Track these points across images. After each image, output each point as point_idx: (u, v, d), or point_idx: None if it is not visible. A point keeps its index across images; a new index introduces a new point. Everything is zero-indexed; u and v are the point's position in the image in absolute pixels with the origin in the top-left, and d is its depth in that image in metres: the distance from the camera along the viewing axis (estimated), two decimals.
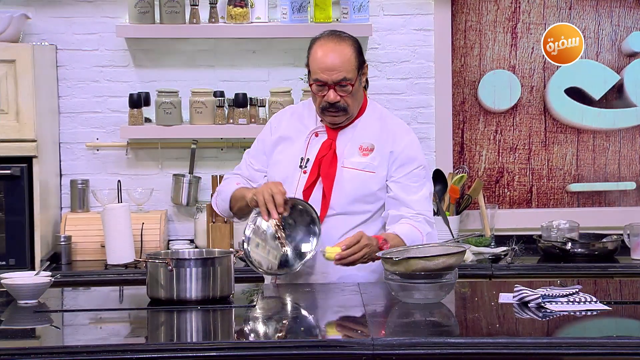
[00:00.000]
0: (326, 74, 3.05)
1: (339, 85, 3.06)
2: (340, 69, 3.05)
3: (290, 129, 3.22)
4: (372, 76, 4.48)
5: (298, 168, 3.16)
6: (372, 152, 3.15)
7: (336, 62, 3.05)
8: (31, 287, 2.87)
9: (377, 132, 3.18)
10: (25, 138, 3.99)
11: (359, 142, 3.16)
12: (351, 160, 3.14)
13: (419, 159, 3.19)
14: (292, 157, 3.17)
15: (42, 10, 4.36)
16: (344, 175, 3.13)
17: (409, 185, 3.15)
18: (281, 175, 3.17)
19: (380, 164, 3.15)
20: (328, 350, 2.44)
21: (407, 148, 3.17)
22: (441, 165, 4.48)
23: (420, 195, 3.16)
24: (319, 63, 3.06)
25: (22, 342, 2.58)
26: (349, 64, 3.06)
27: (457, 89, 4.54)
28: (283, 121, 3.26)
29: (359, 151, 3.15)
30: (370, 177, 3.14)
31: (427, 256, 2.81)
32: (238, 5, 4.31)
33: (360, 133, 3.17)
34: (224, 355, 2.44)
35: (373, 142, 3.16)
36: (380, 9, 4.47)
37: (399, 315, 2.77)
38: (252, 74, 4.47)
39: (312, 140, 3.16)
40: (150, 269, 2.86)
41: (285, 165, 3.18)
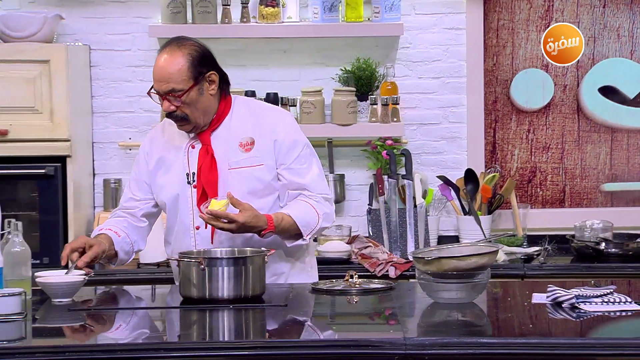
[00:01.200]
0: (158, 85, 3.06)
1: (171, 95, 3.04)
2: (169, 80, 3.02)
3: (164, 150, 3.18)
4: (403, 75, 4.47)
5: (187, 184, 3.13)
6: (254, 145, 3.13)
7: (164, 73, 3.03)
8: (65, 286, 2.89)
9: (253, 125, 3.15)
10: (59, 138, 4.03)
11: (237, 139, 3.13)
12: (235, 160, 3.12)
13: (301, 139, 3.17)
14: (177, 176, 3.14)
15: (75, 10, 4.40)
16: (234, 176, 3.10)
17: (300, 169, 3.14)
18: (171, 196, 3.14)
19: (265, 155, 3.13)
20: (360, 350, 2.43)
21: (288, 133, 3.15)
22: (473, 164, 4.46)
23: (312, 175, 3.15)
24: (154, 74, 3.07)
25: (56, 340, 2.60)
26: (179, 74, 3.02)
27: (489, 88, 4.51)
28: (154, 145, 3.22)
29: (239, 148, 3.13)
30: (260, 170, 3.12)
31: (459, 256, 2.80)
32: (269, 5, 4.32)
33: (235, 131, 3.14)
34: (256, 355, 2.44)
35: (251, 135, 3.13)
36: (411, 8, 4.46)
37: (430, 315, 2.76)
38: (283, 73, 4.48)
39: (190, 153, 3.14)
40: (182, 268, 2.87)
41: (173, 186, 3.14)
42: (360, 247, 4.10)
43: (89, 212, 4.37)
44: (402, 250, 4.22)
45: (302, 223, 3.06)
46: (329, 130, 4.38)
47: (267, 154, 3.12)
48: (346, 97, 4.35)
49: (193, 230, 3.12)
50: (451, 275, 2.78)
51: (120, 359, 2.42)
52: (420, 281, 2.85)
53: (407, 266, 3.98)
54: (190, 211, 3.11)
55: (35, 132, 4.01)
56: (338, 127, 4.37)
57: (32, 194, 4.04)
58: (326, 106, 4.40)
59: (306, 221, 3.07)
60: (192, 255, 2.92)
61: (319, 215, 3.10)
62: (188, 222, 3.12)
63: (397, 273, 3.95)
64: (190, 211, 3.11)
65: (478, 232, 4.29)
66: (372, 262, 4.01)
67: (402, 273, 3.96)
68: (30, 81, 4.00)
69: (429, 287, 2.83)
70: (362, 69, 4.40)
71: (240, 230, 2.98)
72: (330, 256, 4.11)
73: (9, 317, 2.62)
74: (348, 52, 4.46)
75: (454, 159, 4.53)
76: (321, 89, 4.38)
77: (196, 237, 3.11)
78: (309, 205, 3.10)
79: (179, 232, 3.15)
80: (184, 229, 3.13)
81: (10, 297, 2.63)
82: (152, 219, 3.25)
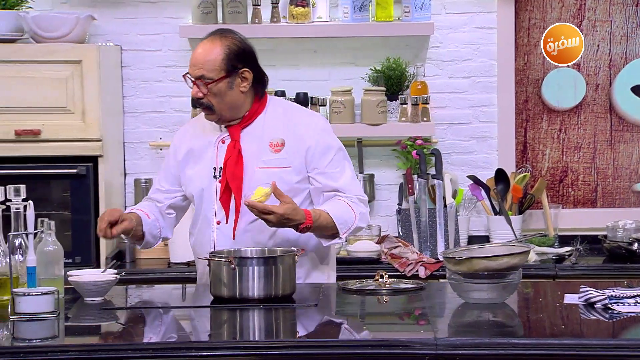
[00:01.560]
0: (190, 69, 3.10)
1: (200, 81, 3.06)
2: (201, 66, 3.06)
3: (195, 142, 3.20)
4: (433, 75, 4.46)
5: (213, 179, 3.15)
6: (284, 147, 3.13)
7: (199, 58, 3.07)
8: (97, 285, 2.91)
9: (285, 126, 3.15)
10: (90, 138, 4.05)
11: (268, 139, 3.14)
12: (264, 159, 3.12)
13: (334, 143, 3.18)
14: (205, 169, 3.15)
15: (107, 11, 4.43)
16: (260, 176, 3.10)
17: (334, 172, 3.14)
18: (197, 189, 3.16)
19: (294, 157, 3.13)
20: (391, 350, 2.43)
21: (321, 138, 3.15)
22: (503, 164, 4.44)
23: (345, 178, 3.15)
24: (191, 57, 3.11)
25: (88, 339, 2.62)
26: (212, 63, 3.05)
27: (520, 87, 4.49)
28: (185, 138, 3.23)
29: (270, 148, 3.13)
30: (286, 172, 3.12)
31: (491, 256, 2.78)
32: (300, 5, 4.32)
33: (267, 130, 3.15)
34: (287, 354, 2.44)
35: (282, 137, 3.14)
36: (442, 7, 4.44)
37: (461, 315, 2.75)
38: (312, 73, 4.48)
39: (219, 148, 3.15)
40: (213, 268, 2.88)
41: (200, 179, 3.16)
42: (390, 246, 4.09)
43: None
44: (432, 250, 4.21)
45: (339, 221, 3.05)
46: (358, 130, 4.38)
47: (297, 157, 3.12)
48: (376, 97, 4.35)
49: (214, 224, 3.13)
50: (482, 275, 2.77)
51: (151, 357, 2.43)
52: (451, 281, 2.84)
53: (437, 266, 3.97)
54: (213, 205, 3.13)
55: (67, 132, 4.04)
56: (368, 127, 4.36)
57: (64, 194, 4.07)
58: (356, 106, 4.39)
59: (344, 219, 3.07)
60: (222, 254, 2.92)
61: (355, 214, 3.10)
62: (210, 216, 3.14)
63: (427, 273, 3.94)
64: (213, 205, 3.13)
65: (509, 232, 4.27)
66: (402, 262, 4.00)
67: (432, 273, 3.95)
68: (63, 81, 4.03)
69: (459, 288, 2.82)
70: (392, 68, 4.39)
71: (279, 222, 2.97)
72: (360, 256, 4.10)
73: (42, 316, 2.64)
74: (378, 52, 4.45)
75: (484, 158, 4.51)
76: (351, 89, 4.38)
77: (216, 232, 3.13)
78: (345, 204, 3.10)
79: (202, 225, 3.16)
80: (206, 222, 3.15)
81: (43, 296, 2.65)
82: (179, 212, 3.28)
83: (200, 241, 3.16)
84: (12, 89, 4.01)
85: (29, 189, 2.90)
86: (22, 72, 4.00)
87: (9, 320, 2.63)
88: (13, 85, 4.01)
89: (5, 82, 4.00)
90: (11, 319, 2.63)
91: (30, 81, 4.01)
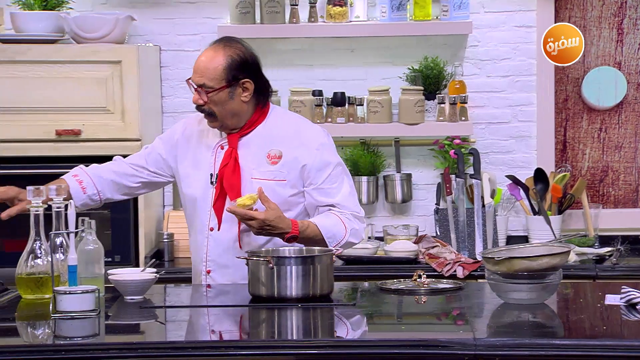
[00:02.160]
0: (193, 75, 3.10)
1: (201, 89, 3.06)
2: (202, 74, 3.06)
3: (196, 145, 3.20)
4: (471, 74, 4.44)
5: (210, 184, 3.15)
6: (281, 160, 3.12)
7: (201, 66, 3.07)
8: (138, 283, 2.93)
9: (284, 138, 3.14)
10: (130, 137, 4.08)
11: (266, 149, 3.13)
12: (260, 170, 3.12)
13: (332, 159, 3.15)
14: (203, 174, 3.16)
15: (146, 11, 4.46)
16: (254, 187, 3.08)
17: (330, 189, 3.13)
18: (194, 192, 3.17)
19: (290, 171, 3.12)
20: (429, 350, 2.42)
21: (319, 154, 3.13)
22: (543, 164, 4.41)
23: (342, 194, 3.13)
24: (194, 64, 3.11)
25: (128, 337, 2.64)
26: (213, 72, 3.04)
27: (559, 87, 4.45)
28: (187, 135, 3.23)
29: (267, 159, 3.12)
30: (281, 185, 3.11)
31: (531, 256, 2.76)
32: (337, 5, 4.32)
33: (265, 141, 3.14)
34: (325, 354, 2.44)
35: (280, 149, 3.12)
36: (481, 6, 4.42)
37: (500, 315, 2.74)
38: (350, 72, 4.48)
39: (217, 154, 3.16)
40: (251, 267, 2.89)
41: (197, 183, 3.16)
42: (428, 246, 4.08)
43: (158, 210, 4.43)
44: (470, 250, 4.19)
45: (328, 234, 3.06)
46: (396, 130, 4.37)
47: (293, 172, 3.12)
48: (414, 96, 4.33)
49: (207, 230, 3.15)
50: (522, 275, 2.75)
51: (190, 356, 2.44)
52: (490, 281, 2.82)
53: (475, 266, 3.94)
54: (208, 210, 3.15)
55: (107, 132, 4.08)
56: (405, 126, 4.35)
57: None
58: (393, 105, 4.38)
59: (332, 232, 3.07)
60: (260, 254, 2.93)
61: (346, 229, 3.09)
62: (205, 221, 3.16)
63: (465, 273, 3.92)
64: (208, 210, 3.15)
65: (548, 233, 4.24)
66: (440, 262, 3.99)
67: (470, 273, 3.93)
68: (102, 82, 4.06)
69: (498, 288, 2.80)
70: (430, 67, 4.37)
71: (263, 229, 2.99)
72: (397, 255, 4.10)
73: (83, 314, 2.66)
74: (416, 51, 4.44)
75: (523, 158, 4.48)
76: (388, 88, 4.37)
77: (209, 238, 3.15)
78: (337, 218, 3.10)
79: (197, 230, 3.18)
80: (200, 227, 3.17)
81: (84, 294, 2.67)
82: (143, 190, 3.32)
83: (195, 244, 3.19)
84: (52, 89, 4.05)
85: None
86: (63, 72, 4.05)
87: (50, 318, 2.66)
88: (54, 86, 4.05)
89: (46, 83, 4.05)
90: (53, 317, 2.66)
91: (70, 81, 4.05)
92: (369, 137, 4.44)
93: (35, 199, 2.85)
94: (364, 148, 4.44)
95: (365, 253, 4.13)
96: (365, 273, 3.91)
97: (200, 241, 3.17)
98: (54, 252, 2.85)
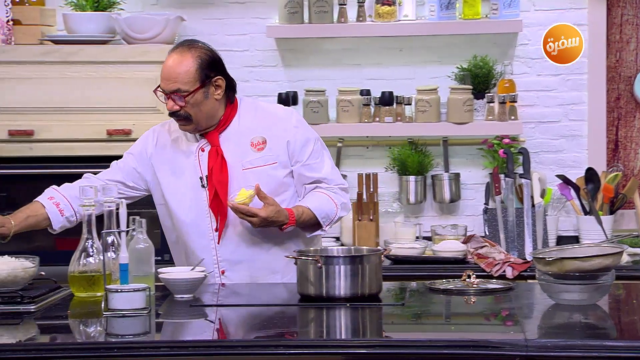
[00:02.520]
0: (164, 84, 3.10)
1: (176, 95, 3.07)
2: (175, 80, 3.06)
3: (173, 155, 3.20)
4: (521, 73, 4.40)
5: (201, 188, 3.16)
6: (266, 144, 3.16)
7: (171, 73, 3.07)
8: (188, 282, 2.95)
9: (260, 124, 3.18)
10: None
11: (248, 139, 3.16)
12: (249, 159, 3.15)
13: (311, 135, 3.23)
14: (190, 180, 3.16)
15: (195, 12, 4.49)
16: (249, 176, 3.12)
17: (315, 164, 3.20)
18: (186, 201, 3.16)
19: (277, 152, 3.16)
20: (479, 351, 2.40)
21: (298, 131, 3.19)
22: (594, 163, 4.35)
23: (326, 168, 3.22)
24: (161, 72, 3.12)
25: (178, 335, 2.66)
26: (186, 75, 3.06)
27: (611, 85, 4.39)
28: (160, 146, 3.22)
29: (251, 148, 3.16)
30: (274, 168, 3.16)
31: (582, 257, 2.73)
32: (386, 4, 4.31)
33: (244, 131, 3.17)
34: (374, 353, 2.44)
35: (262, 135, 3.16)
36: (531, 4, 4.38)
37: (551, 316, 2.71)
38: (398, 72, 4.46)
39: (201, 157, 3.16)
40: (300, 266, 2.89)
41: (187, 191, 3.17)
42: (476, 246, 4.05)
43: None
44: (520, 251, 4.15)
45: (321, 215, 3.14)
46: (444, 129, 4.35)
47: (280, 152, 3.17)
48: (462, 95, 4.31)
49: (212, 232, 3.17)
50: (574, 276, 2.72)
51: (240, 354, 2.45)
52: (541, 282, 2.79)
53: (525, 267, 3.91)
54: (207, 214, 3.16)
55: None
56: (454, 126, 4.33)
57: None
58: (442, 104, 4.36)
59: (325, 212, 3.15)
60: (309, 254, 2.94)
61: (337, 206, 3.19)
62: (206, 224, 3.17)
63: (515, 273, 3.89)
64: (207, 214, 3.16)
65: (599, 233, 4.18)
66: (489, 262, 3.96)
67: (520, 274, 3.89)
68: (152, 81, 4.06)
69: (549, 288, 2.77)
70: (479, 66, 4.34)
71: (262, 224, 3.06)
72: (445, 255, 4.07)
73: (135, 312, 2.69)
74: (464, 50, 4.41)
75: (574, 157, 4.43)
76: (437, 87, 4.35)
77: (215, 239, 3.17)
78: (326, 197, 3.18)
79: (198, 235, 3.18)
80: (200, 232, 3.18)
81: (135, 293, 2.70)
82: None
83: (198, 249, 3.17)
84: (104, 89, 4.10)
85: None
86: (114, 72, 4.09)
87: (102, 316, 2.69)
88: (105, 86, 4.10)
89: (98, 83, 4.09)
90: (104, 315, 2.69)
91: (121, 82, 4.09)
92: (417, 136, 4.43)
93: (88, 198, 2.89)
94: (412, 147, 4.42)
95: (413, 253, 4.11)
96: (413, 273, 3.90)
97: (207, 245, 3.19)
98: (105, 250, 2.88)
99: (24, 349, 2.46)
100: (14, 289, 2.87)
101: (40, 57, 4.10)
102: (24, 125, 4.11)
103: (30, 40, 4.24)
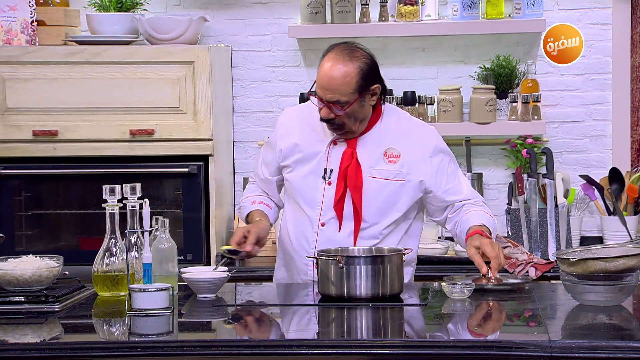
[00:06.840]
0: (322, 92, 3.01)
1: (334, 105, 3.00)
2: (335, 91, 2.98)
3: (304, 140, 3.15)
4: (544, 72, 4.38)
5: (321, 179, 3.12)
6: (399, 159, 3.09)
7: (332, 83, 2.98)
8: (210, 282, 2.95)
9: (400, 137, 3.11)
10: (202, 137, 4.13)
11: (383, 148, 3.10)
12: (377, 168, 3.09)
13: (447, 156, 3.18)
14: (314, 167, 3.13)
15: (218, 12, 4.50)
16: (372, 185, 3.07)
17: (455, 186, 3.16)
18: (303, 187, 3.14)
19: (409, 171, 3.09)
20: (503, 352, 2.39)
21: (437, 148, 3.14)
22: (618, 163, 4.32)
23: (467, 186, 3.19)
24: (320, 79, 3.02)
25: (201, 335, 2.67)
26: (347, 87, 2.98)
27: (636, 85, 4.36)
28: (292, 129, 3.18)
29: (384, 158, 3.10)
30: (397, 185, 3.09)
31: (607, 257, 2.71)
32: (408, 4, 4.30)
33: (382, 139, 3.10)
34: (396, 354, 2.43)
35: (398, 148, 3.10)
36: (554, 3, 4.36)
37: (575, 317, 2.69)
38: (420, 72, 4.46)
39: (331, 150, 3.11)
40: (321, 266, 2.89)
41: (307, 178, 3.14)
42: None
43: (229, 209, 4.47)
44: (543, 251, 4.13)
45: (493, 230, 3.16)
46: (467, 129, 4.33)
47: (413, 171, 3.10)
48: (485, 95, 4.29)
49: (318, 225, 3.14)
50: (598, 277, 2.70)
51: (262, 354, 2.46)
52: (565, 283, 2.78)
53: (548, 267, 3.87)
54: (318, 206, 3.13)
55: (179, 132, 4.12)
56: (476, 126, 4.31)
57: (176, 192, 4.15)
58: (464, 104, 4.35)
59: (493, 227, 3.16)
60: (330, 253, 2.93)
61: (492, 217, 3.18)
62: (314, 216, 3.14)
63: (538, 274, 3.85)
64: (318, 206, 3.13)
65: (623, 233, 4.15)
66: (512, 263, 3.93)
67: (543, 274, 3.87)
68: (175, 82, 4.12)
69: (573, 289, 2.76)
70: (502, 66, 4.33)
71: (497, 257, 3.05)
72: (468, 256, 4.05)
73: (158, 312, 2.70)
74: (487, 50, 4.39)
75: (597, 157, 4.40)
76: (459, 87, 4.34)
77: (319, 233, 3.14)
78: (483, 212, 3.15)
79: (302, 226, 3.16)
80: (307, 222, 3.15)
81: (158, 292, 2.71)
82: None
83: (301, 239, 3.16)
84: (127, 89, 4.11)
85: (143, 187, 2.96)
86: (137, 73, 4.11)
87: (126, 315, 2.70)
88: (128, 86, 4.11)
89: (121, 83, 4.11)
90: (128, 314, 2.70)
91: (144, 82, 4.11)
92: None
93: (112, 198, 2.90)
94: None
95: (435, 253, 4.10)
96: (436, 273, 3.88)
97: (309, 236, 3.15)
98: (129, 250, 2.89)
99: (48, 348, 2.48)
100: (39, 288, 2.88)
101: (64, 58, 4.12)
102: (48, 126, 4.13)
103: (54, 41, 4.27)
